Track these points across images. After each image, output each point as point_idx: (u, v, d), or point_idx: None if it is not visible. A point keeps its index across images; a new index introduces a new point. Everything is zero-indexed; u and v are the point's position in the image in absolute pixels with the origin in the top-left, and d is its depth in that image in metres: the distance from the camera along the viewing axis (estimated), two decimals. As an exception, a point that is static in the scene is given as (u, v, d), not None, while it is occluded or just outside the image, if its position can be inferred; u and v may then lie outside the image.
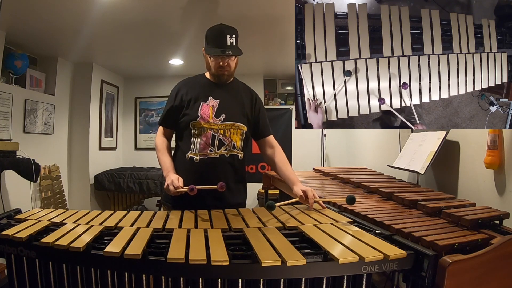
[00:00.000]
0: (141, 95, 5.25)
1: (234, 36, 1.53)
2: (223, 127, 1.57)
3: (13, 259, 1.08)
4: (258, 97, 1.73)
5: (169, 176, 1.47)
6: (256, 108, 1.69)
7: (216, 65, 1.56)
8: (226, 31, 1.51)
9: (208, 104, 1.59)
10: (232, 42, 1.52)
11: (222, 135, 1.57)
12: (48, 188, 3.69)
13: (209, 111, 1.57)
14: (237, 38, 1.54)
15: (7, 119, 3.22)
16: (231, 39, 1.51)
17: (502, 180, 1.58)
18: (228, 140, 1.58)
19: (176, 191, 1.40)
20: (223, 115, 1.58)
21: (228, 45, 1.51)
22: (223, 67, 1.56)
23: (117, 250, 0.92)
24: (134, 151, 5.29)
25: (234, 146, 1.59)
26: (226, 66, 1.56)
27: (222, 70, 1.57)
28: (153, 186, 4.18)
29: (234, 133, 1.59)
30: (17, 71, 3.36)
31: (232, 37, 1.51)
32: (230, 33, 1.51)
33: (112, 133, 4.96)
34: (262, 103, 1.75)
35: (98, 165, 4.51)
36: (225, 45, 1.50)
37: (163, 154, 1.61)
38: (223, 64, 1.55)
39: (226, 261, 0.87)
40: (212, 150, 1.56)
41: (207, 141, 1.56)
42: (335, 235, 1.06)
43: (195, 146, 1.57)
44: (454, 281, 0.93)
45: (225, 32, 1.51)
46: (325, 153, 4.67)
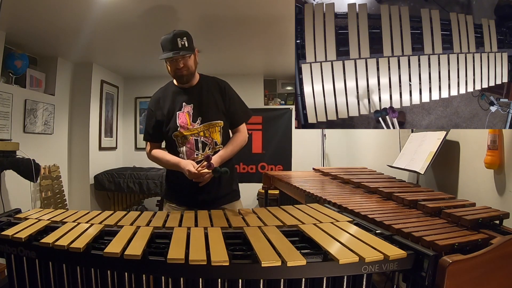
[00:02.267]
0: (141, 95, 5.25)
1: (186, 38, 1.59)
2: (202, 129, 1.66)
3: (13, 259, 1.08)
4: (227, 86, 1.76)
5: (184, 164, 1.57)
6: (226, 99, 1.72)
7: (173, 68, 1.63)
8: (177, 35, 1.57)
9: (183, 112, 1.66)
10: (184, 44, 1.58)
11: (203, 137, 1.66)
12: (48, 188, 3.70)
13: (186, 119, 1.65)
14: (189, 40, 1.60)
15: (7, 119, 3.22)
16: (182, 41, 1.57)
17: (502, 180, 1.58)
18: (209, 140, 1.67)
19: (199, 173, 1.50)
20: (199, 118, 1.66)
21: (179, 47, 1.57)
22: (181, 69, 1.61)
23: (117, 251, 0.92)
24: (134, 151, 5.29)
25: (216, 143, 1.68)
26: (183, 67, 1.61)
27: (180, 71, 1.62)
28: (153, 186, 4.17)
29: (213, 131, 1.67)
30: (17, 71, 3.36)
31: (183, 39, 1.58)
32: (181, 36, 1.58)
33: (112, 133, 4.96)
34: (231, 90, 1.77)
35: (98, 165, 4.51)
36: (176, 47, 1.56)
37: (165, 155, 1.70)
38: (179, 66, 1.61)
39: (226, 261, 0.87)
40: (198, 153, 1.65)
41: (192, 147, 1.65)
42: (335, 235, 1.06)
43: (183, 154, 1.66)
44: (454, 281, 0.93)
45: (175, 36, 1.57)
46: (325, 153, 4.68)
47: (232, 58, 4.21)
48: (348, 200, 1.68)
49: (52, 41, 3.45)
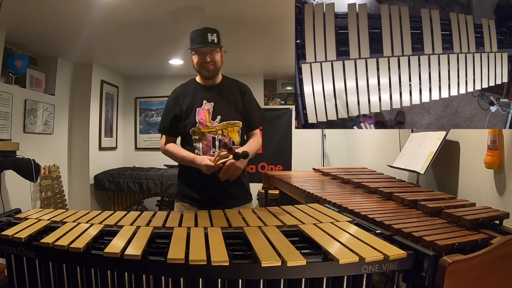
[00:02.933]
0: (141, 95, 5.26)
1: (215, 34, 1.63)
2: (221, 127, 1.65)
3: (13, 259, 1.08)
4: (248, 89, 1.79)
5: (200, 160, 1.55)
6: (245, 102, 1.74)
7: (200, 62, 1.63)
8: (207, 30, 1.60)
9: (203, 109, 1.66)
10: (214, 40, 1.61)
11: (221, 135, 1.65)
12: (48, 188, 3.70)
13: (206, 116, 1.65)
14: (218, 36, 1.64)
15: (7, 119, 3.22)
16: (212, 36, 1.60)
17: (502, 180, 1.58)
18: (226, 139, 1.66)
19: (217, 165, 1.49)
20: (219, 116, 1.65)
21: (209, 41, 1.60)
22: (207, 63, 1.62)
23: (117, 251, 0.92)
24: (134, 151, 5.29)
25: (234, 142, 1.67)
26: (210, 61, 1.62)
27: (207, 65, 1.63)
28: (153, 186, 4.18)
29: (231, 130, 1.67)
30: (17, 71, 3.36)
31: (213, 35, 1.61)
32: (211, 32, 1.61)
33: (112, 133, 4.96)
34: (251, 95, 1.80)
35: (98, 165, 4.51)
36: (207, 41, 1.59)
37: (180, 151, 1.69)
38: (206, 60, 1.61)
39: (226, 261, 0.87)
40: (214, 151, 1.64)
41: (209, 144, 1.64)
42: (335, 235, 1.06)
43: (199, 150, 1.66)
44: (454, 281, 0.93)
45: (206, 31, 1.60)
46: (325, 153, 4.68)
47: (232, 58, 4.21)
48: (348, 200, 1.68)
49: (52, 41, 3.45)
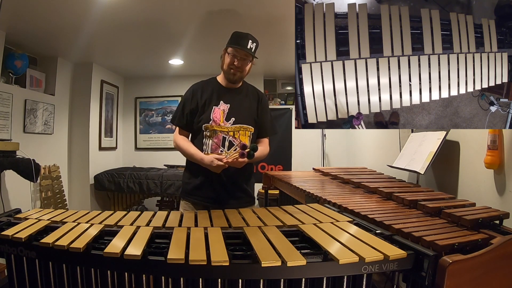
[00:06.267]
0: (141, 95, 5.25)
1: (255, 44, 1.68)
2: (233, 129, 1.68)
3: (13, 259, 1.08)
4: (264, 98, 1.83)
5: (208, 160, 1.58)
6: (260, 109, 1.78)
7: (231, 62, 1.67)
8: (250, 37, 1.66)
9: (219, 108, 1.70)
10: (252, 48, 1.66)
11: (232, 137, 1.68)
12: (48, 188, 3.69)
13: (220, 115, 1.68)
14: (256, 47, 1.69)
15: (7, 119, 3.22)
16: (252, 45, 1.67)
17: (502, 180, 1.58)
18: (237, 141, 1.69)
19: (223, 163, 1.53)
20: (233, 118, 1.69)
21: (248, 48, 1.65)
22: (237, 67, 1.66)
23: (117, 251, 0.92)
24: (134, 151, 5.29)
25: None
26: (239, 67, 1.67)
27: (234, 69, 1.67)
28: (153, 186, 4.17)
29: (242, 134, 1.70)
30: (17, 71, 3.36)
31: (253, 43, 1.67)
32: (253, 40, 1.67)
33: (112, 133, 4.96)
34: (267, 103, 1.84)
35: (98, 165, 4.51)
36: (246, 46, 1.65)
37: (190, 148, 1.70)
38: (238, 64, 1.66)
39: (226, 261, 0.87)
40: (222, 150, 1.67)
41: (218, 143, 1.67)
42: (335, 235, 1.06)
43: (207, 146, 1.68)
44: (454, 281, 0.93)
45: (248, 37, 1.66)
46: (325, 153, 4.68)
47: (232, 58, 4.21)
48: (348, 200, 1.68)
49: (52, 41, 3.45)
